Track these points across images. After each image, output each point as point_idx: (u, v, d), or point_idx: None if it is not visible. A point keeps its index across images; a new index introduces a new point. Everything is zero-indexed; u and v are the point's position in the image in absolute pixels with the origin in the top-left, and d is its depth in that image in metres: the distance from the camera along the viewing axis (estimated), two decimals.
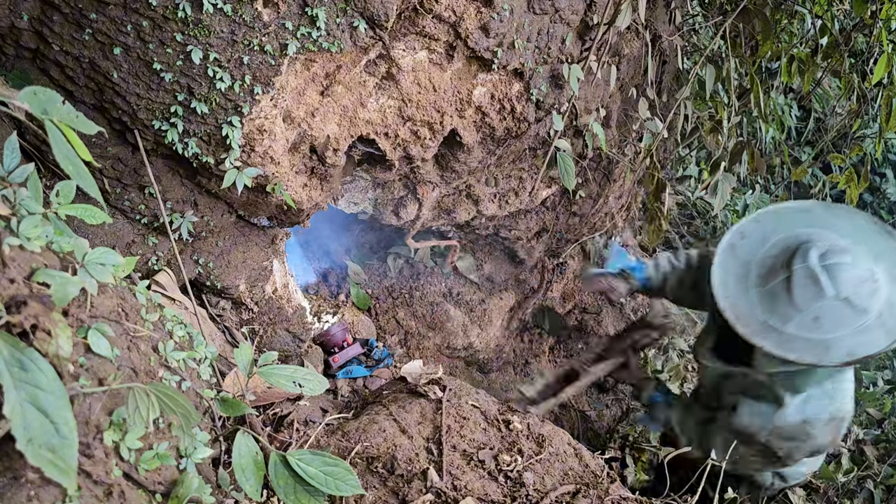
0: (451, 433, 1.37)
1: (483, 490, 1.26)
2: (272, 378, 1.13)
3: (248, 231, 1.72)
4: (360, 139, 1.70)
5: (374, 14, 1.38)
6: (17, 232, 0.76)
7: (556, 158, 2.06)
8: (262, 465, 1.01)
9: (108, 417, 0.81)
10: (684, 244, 3.95)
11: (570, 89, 1.88)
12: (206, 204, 1.57)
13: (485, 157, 2.00)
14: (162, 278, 1.48)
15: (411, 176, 2.01)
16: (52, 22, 1.21)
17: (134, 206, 1.47)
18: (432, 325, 2.69)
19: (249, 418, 1.20)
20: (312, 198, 1.67)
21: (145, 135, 1.36)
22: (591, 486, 1.34)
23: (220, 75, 1.27)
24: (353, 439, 1.33)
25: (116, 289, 0.98)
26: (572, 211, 2.64)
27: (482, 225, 2.47)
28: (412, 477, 1.25)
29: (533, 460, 1.36)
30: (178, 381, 1.02)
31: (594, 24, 1.87)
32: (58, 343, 0.67)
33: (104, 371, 0.83)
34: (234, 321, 1.76)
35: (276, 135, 1.45)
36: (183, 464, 0.93)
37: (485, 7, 1.56)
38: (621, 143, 2.53)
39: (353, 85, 1.57)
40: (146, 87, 1.28)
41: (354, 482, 1.02)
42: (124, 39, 1.22)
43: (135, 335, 0.95)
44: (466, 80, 1.74)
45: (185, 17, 1.20)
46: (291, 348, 1.88)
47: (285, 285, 1.94)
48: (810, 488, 2.77)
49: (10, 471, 0.64)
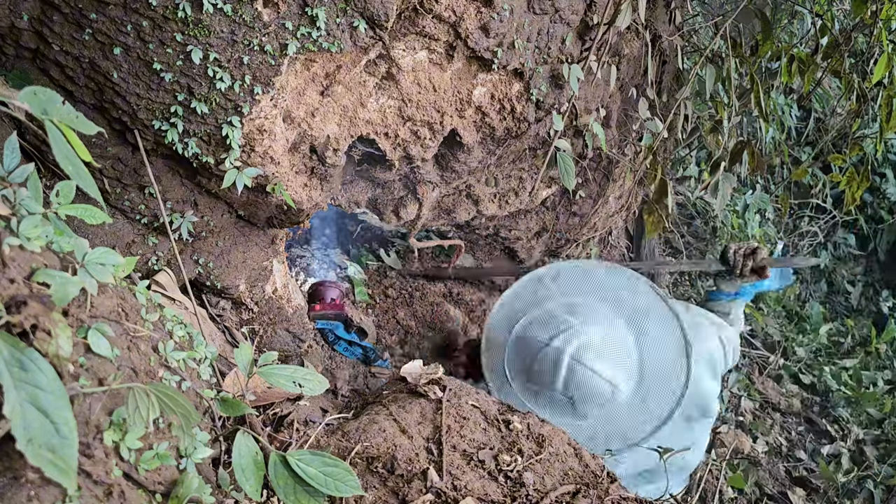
0: (451, 433, 1.37)
1: (483, 490, 1.26)
2: (272, 378, 1.13)
3: (248, 231, 1.72)
4: (360, 139, 1.70)
5: (374, 14, 1.38)
6: (17, 232, 0.76)
7: (556, 158, 2.06)
8: (262, 465, 1.01)
9: (108, 417, 0.81)
10: (684, 244, 3.95)
11: (570, 89, 1.88)
12: (206, 204, 1.57)
13: (485, 157, 2.00)
14: (162, 278, 1.48)
15: (411, 176, 2.01)
16: (52, 22, 1.21)
17: (134, 206, 1.47)
18: (432, 325, 2.69)
19: (249, 418, 1.20)
20: (312, 198, 1.67)
21: (145, 135, 1.36)
22: (591, 486, 1.34)
23: (220, 75, 1.27)
24: (353, 439, 1.33)
25: (116, 289, 0.98)
26: (572, 211, 2.64)
27: (482, 225, 2.47)
28: (412, 477, 1.25)
29: (533, 460, 1.36)
30: (178, 381, 1.02)
31: (594, 24, 1.87)
32: (58, 343, 0.67)
33: (104, 371, 0.83)
34: (234, 321, 1.76)
35: (276, 135, 1.45)
36: (183, 464, 0.93)
37: (485, 7, 1.56)
38: (621, 143, 2.53)
39: (353, 85, 1.57)
40: (146, 87, 1.28)
41: (354, 482, 1.02)
42: (124, 39, 1.22)
43: (135, 335, 0.95)
44: (466, 80, 1.74)
45: (185, 17, 1.20)
46: (291, 348, 1.88)
47: (285, 285, 1.94)
48: (810, 488, 2.77)
49: (10, 471, 0.64)
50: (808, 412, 3.42)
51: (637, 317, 1.79)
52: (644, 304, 1.81)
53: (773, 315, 4.16)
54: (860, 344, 4.17)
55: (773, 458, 2.95)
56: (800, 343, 3.99)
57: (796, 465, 2.95)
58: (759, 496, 2.69)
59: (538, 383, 1.69)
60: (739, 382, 3.38)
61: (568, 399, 1.65)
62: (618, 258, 3.40)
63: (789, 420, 3.35)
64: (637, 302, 1.82)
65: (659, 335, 1.75)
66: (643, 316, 1.79)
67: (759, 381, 3.50)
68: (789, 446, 3.12)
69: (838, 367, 3.77)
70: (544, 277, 1.97)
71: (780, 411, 3.39)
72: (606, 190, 2.64)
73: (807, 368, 3.79)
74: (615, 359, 1.67)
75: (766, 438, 3.08)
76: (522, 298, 1.93)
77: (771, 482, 2.79)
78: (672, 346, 1.73)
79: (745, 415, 3.20)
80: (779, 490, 2.74)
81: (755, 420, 3.20)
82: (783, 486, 2.79)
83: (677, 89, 2.61)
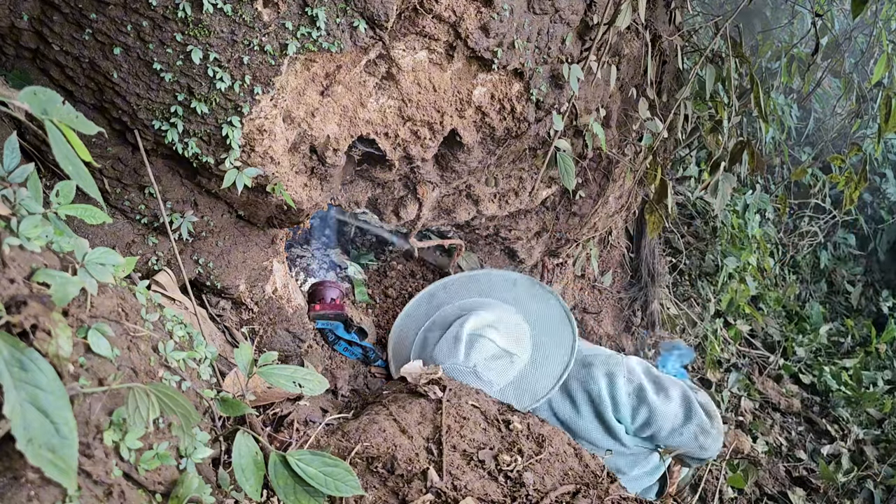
0: (451, 433, 1.37)
1: (483, 490, 1.26)
2: (272, 378, 1.13)
3: (248, 231, 1.72)
4: (360, 139, 1.70)
5: (374, 14, 1.38)
6: (17, 232, 0.76)
7: (556, 158, 2.06)
8: (261, 465, 1.01)
9: (108, 417, 0.81)
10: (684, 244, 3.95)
11: (570, 89, 1.88)
12: (206, 204, 1.57)
13: (485, 157, 2.00)
14: (162, 278, 1.48)
15: (411, 176, 2.01)
16: (52, 22, 1.21)
17: (134, 206, 1.47)
18: None
19: (249, 418, 1.20)
20: (312, 198, 1.67)
21: (145, 135, 1.36)
22: (591, 486, 1.34)
23: (220, 75, 1.27)
24: (353, 439, 1.33)
25: (116, 289, 0.98)
26: (572, 211, 2.64)
27: (482, 225, 2.47)
28: (412, 477, 1.25)
29: (533, 460, 1.36)
30: (178, 381, 1.02)
31: (594, 24, 1.87)
32: (58, 343, 0.67)
33: (104, 371, 0.83)
34: (234, 321, 1.76)
35: (276, 135, 1.45)
36: (183, 464, 0.93)
37: (485, 7, 1.56)
38: (621, 143, 2.53)
39: (353, 85, 1.57)
40: (146, 87, 1.28)
41: (354, 482, 1.02)
42: (124, 39, 1.22)
43: (135, 335, 0.95)
44: (466, 80, 1.74)
45: (185, 17, 1.20)
46: (291, 348, 1.88)
47: (285, 285, 1.94)
48: (810, 488, 2.77)
49: (10, 471, 0.64)
50: (808, 412, 3.42)
51: (522, 300, 2.12)
52: (524, 292, 2.17)
53: (773, 315, 4.16)
54: (860, 344, 4.17)
55: (773, 458, 2.95)
56: (800, 343, 3.99)
57: (796, 465, 2.95)
58: (759, 496, 2.69)
59: (441, 359, 1.86)
60: (739, 382, 3.38)
61: (471, 370, 1.80)
62: (618, 258, 3.40)
63: (789, 420, 3.34)
64: (517, 292, 2.18)
65: (543, 311, 2.06)
66: (528, 299, 2.13)
67: (759, 381, 3.50)
68: (789, 446, 3.12)
69: (838, 367, 3.76)
70: (436, 290, 2.32)
71: (780, 411, 3.38)
72: (606, 190, 2.64)
73: (807, 368, 3.79)
74: (508, 332, 1.92)
75: (766, 438, 3.08)
76: (419, 310, 2.25)
77: (771, 482, 2.78)
78: (555, 317, 2.03)
79: (745, 415, 3.20)
80: (779, 490, 2.74)
81: (755, 420, 3.20)
82: (783, 486, 2.79)
83: (677, 89, 2.62)
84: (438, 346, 1.88)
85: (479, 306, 2.04)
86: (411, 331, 2.12)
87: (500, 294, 2.18)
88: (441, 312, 2.13)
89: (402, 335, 2.15)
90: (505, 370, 1.84)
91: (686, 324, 3.45)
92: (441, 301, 2.22)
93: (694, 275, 3.86)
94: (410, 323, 2.19)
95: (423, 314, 2.19)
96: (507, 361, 1.85)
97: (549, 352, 1.91)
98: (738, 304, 3.70)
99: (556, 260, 2.97)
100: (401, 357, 2.06)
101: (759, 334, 3.97)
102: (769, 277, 4.20)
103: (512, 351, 1.87)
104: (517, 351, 1.88)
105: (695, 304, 3.64)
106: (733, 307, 3.71)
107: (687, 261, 3.80)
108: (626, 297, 3.33)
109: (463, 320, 1.90)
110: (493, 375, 1.81)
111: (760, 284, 4.01)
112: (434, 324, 2.07)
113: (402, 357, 2.05)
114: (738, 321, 3.76)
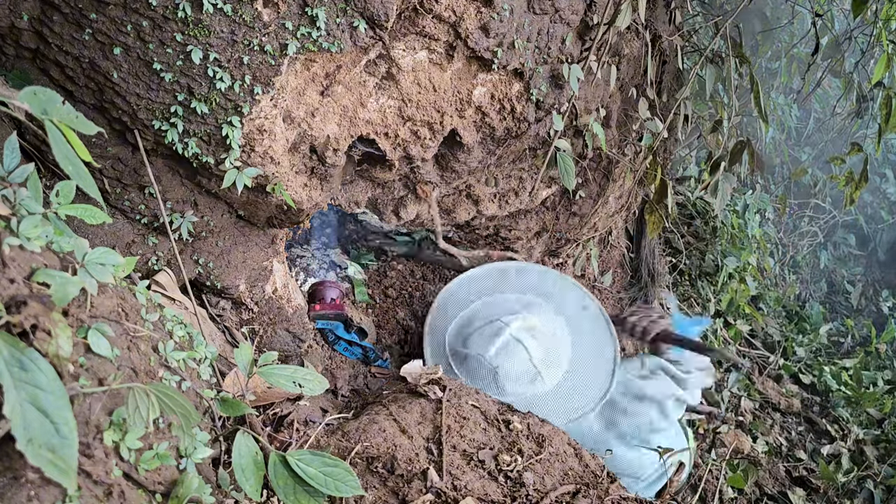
0: (451, 433, 1.37)
1: (483, 490, 1.26)
2: (272, 378, 1.13)
3: (248, 231, 1.72)
4: (360, 139, 1.70)
5: (374, 14, 1.38)
6: (17, 232, 0.76)
7: (556, 158, 2.06)
8: (261, 465, 1.01)
9: (108, 417, 0.81)
10: (684, 244, 3.95)
11: (570, 89, 1.88)
12: (206, 204, 1.57)
13: (485, 157, 2.00)
14: (162, 278, 1.48)
15: (411, 176, 2.01)
16: (52, 22, 1.21)
17: (134, 206, 1.47)
18: None
19: (249, 418, 1.20)
20: (312, 198, 1.67)
21: (145, 135, 1.36)
22: (591, 486, 1.34)
23: (220, 75, 1.27)
24: (353, 439, 1.33)
25: (116, 289, 0.98)
26: (572, 211, 2.64)
27: (482, 225, 2.47)
28: (412, 477, 1.25)
29: (533, 460, 1.36)
30: (178, 381, 1.02)
31: (594, 24, 1.87)
32: (58, 343, 0.67)
33: (104, 371, 0.83)
34: (234, 321, 1.76)
35: (276, 135, 1.45)
36: (183, 464, 0.93)
37: (485, 7, 1.56)
38: (621, 143, 2.53)
39: (353, 85, 1.57)
40: (146, 87, 1.28)
41: (354, 482, 1.02)
42: (124, 39, 1.22)
43: (135, 335, 0.95)
44: (466, 80, 1.74)
45: (185, 17, 1.20)
46: (291, 348, 1.88)
47: (285, 285, 1.94)
48: (810, 488, 2.77)
49: (10, 471, 0.64)
50: (808, 412, 3.42)
51: (576, 321, 2.03)
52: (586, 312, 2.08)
53: (773, 315, 4.16)
54: (860, 344, 4.17)
55: (773, 458, 2.95)
56: (800, 343, 3.99)
57: (796, 465, 2.95)
58: (759, 496, 2.69)
59: (472, 347, 1.85)
60: (739, 382, 3.38)
61: (493, 368, 1.79)
62: (618, 258, 3.40)
63: (789, 420, 3.34)
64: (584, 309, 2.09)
65: (592, 341, 1.96)
66: (581, 321, 2.04)
67: (759, 381, 3.50)
68: (789, 446, 3.12)
69: (838, 367, 3.76)
70: (508, 270, 2.24)
71: (780, 411, 3.38)
72: (606, 190, 2.64)
73: (807, 368, 3.79)
74: (547, 347, 1.86)
75: (766, 438, 3.07)
76: (480, 282, 2.19)
77: (771, 482, 2.78)
78: (600, 348, 1.94)
79: (745, 415, 3.20)
80: (779, 490, 2.74)
81: (755, 420, 3.20)
82: (783, 486, 2.78)
83: (677, 89, 2.61)
84: (477, 336, 1.87)
85: (537, 309, 2.00)
86: (459, 305, 2.10)
87: (560, 303, 2.10)
88: (504, 295, 2.10)
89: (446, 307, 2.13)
90: (524, 387, 1.81)
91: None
92: (507, 286, 2.17)
93: (694, 275, 3.86)
94: (460, 295, 2.16)
95: (482, 287, 2.16)
96: (529, 379, 1.81)
97: (578, 388, 1.85)
98: (738, 304, 3.70)
99: (555, 260, 2.97)
100: (437, 330, 2.05)
101: (759, 334, 3.97)
102: (769, 277, 4.20)
103: (541, 371, 1.82)
104: (546, 374, 1.83)
105: (695, 304, 3.64)
106: (733, 307, 3.71)
107: (687, 261, 3.80)
108: (626, 297, 3.33)
109: (512, 319, 1.88)
110: (509, 385, 1.79)
111: (760, 284, 4.01)
112: (484, 306, 2.04)
113: (439, 328, 2.05)
114: (738, 321, 3.76)
